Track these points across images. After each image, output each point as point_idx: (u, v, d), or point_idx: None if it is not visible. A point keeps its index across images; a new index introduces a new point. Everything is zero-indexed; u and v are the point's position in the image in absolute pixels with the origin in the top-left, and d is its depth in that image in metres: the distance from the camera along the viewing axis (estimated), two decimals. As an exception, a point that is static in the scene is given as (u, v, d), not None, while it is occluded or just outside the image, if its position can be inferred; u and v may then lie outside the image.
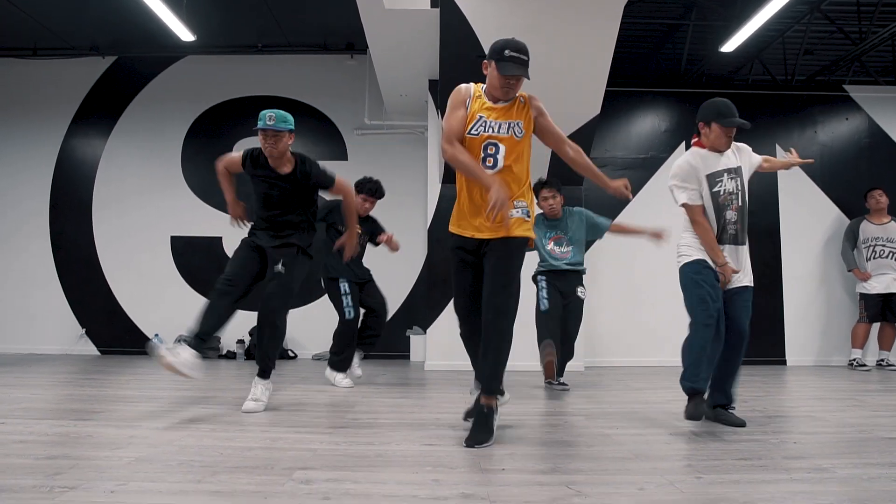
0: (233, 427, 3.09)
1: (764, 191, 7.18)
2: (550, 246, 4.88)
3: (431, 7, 5.10)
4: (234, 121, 7.71)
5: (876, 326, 6.65)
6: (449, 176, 6.35)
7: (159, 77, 7.81)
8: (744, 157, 3.52)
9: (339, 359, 4.84)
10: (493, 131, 2.84)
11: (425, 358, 6.34)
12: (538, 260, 4.91)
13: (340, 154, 7.61)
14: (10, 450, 2.54)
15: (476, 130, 2.84)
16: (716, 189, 3.38)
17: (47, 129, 7.75)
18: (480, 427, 2.75)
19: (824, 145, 7.32)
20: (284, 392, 4.45)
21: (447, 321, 6.21)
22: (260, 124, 3.65)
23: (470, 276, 2.98)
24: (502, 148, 2.84)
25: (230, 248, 7.51)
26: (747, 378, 5.58)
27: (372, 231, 5.22)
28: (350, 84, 7.62)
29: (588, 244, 5.10)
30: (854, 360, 6.55)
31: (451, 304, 6.21)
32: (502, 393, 3.04)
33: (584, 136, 5.89)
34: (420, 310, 7.25)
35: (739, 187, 3.41)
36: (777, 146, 7.25)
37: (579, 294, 4.87)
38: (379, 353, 7.27)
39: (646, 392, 4.68)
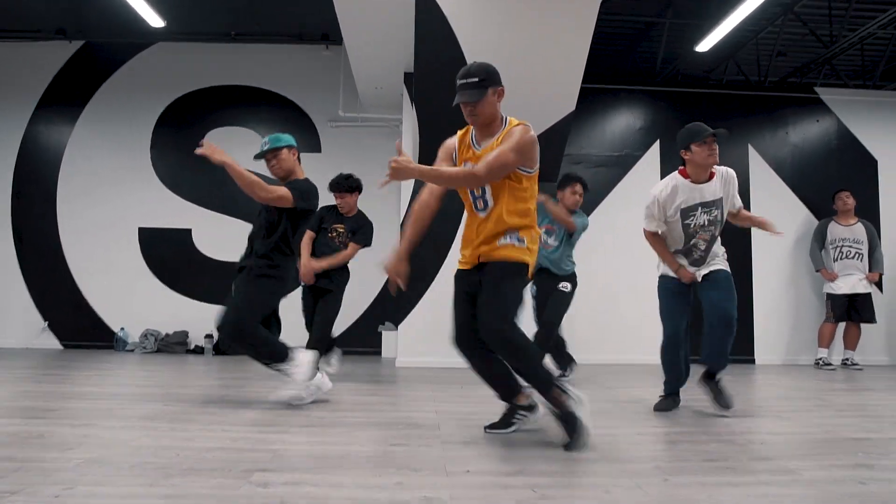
0: (193, 426, 3.00)
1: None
2: (541, 232, 4.75)
3: (406, -2, 5.01)
4: (205, 111, 7.56)
5: (842, 326, 6.74)
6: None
7: (129, 64, 7.62)
8: (728, 189, 3.58)
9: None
10: None
11: (396, 354, 6.28)
12: None
13: (314, 146, 7.50)
14: (-47, 450, 2.43)
15: None
16: (687, 221, 3.49)
17: (9, 115, 7.52)
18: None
19: (795, 146, 7.39)
20: (252, 388, 4.36)
21: (419, 317, 6.16)
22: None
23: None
24: (487, 189, 2.80)
25: (200, 240, 7.38)
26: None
27: (353, 230, 5.04)
28: (325, 75, 7.50)
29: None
30: (820, 359, 6.63)
31: (424, 299, 6.18)
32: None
33: (559, 132, 5.87)
34: (391, 306, 7.18)
35: (715, 219, 3.52)
36: (749, 146, 7.30)
37: (561, 288, 4.92)
38: (350, 349, 7.19)
39: (617, 390, 4.67)
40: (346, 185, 4.99)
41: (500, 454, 2.57)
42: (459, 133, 2.94)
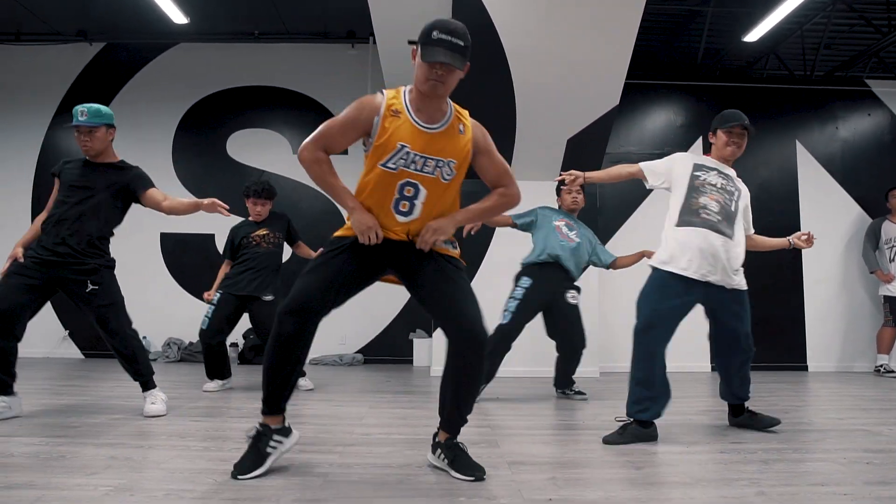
0: (227, 444, 2.73)
1: (784, 190, 6.88)
2: (559, 224, 4.26)
3: (444, -12, 4.75)
4: (228, 112, 7.33)
5: (902, 330, 6.35)
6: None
7: (150, 65, 7.42)
8: (744, 190, 3.28)
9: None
10: (416, 168, 2.19)
11: (430, 363, 5.99)
12: (525, 256, 4.32)
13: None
14: (-32, 475, 2.16)
15: (394, 164, 2.17)
16: (697, 173, 3.14)
17: (30, 118, 7.34)
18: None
19: (845, 141, 7.02)
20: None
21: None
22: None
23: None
24: (423, 192, 2.21)
25: (223, 245, 7.12)
26: (774, 385, 5.28)
27: (280, 229, 4.79)
28: (351, 74, 7.25)
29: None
30: (881, 365, 6.24)
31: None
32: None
33: (602, 128, 5.57)
34: (423, 313, 6.90)
35: (726, 187, 3.15)
36: (797, 142, 6.95)
37: (569, 300, 4.26)
38: (381, 358, 6.93)
39: (674, 402, 4.32)
40: (269, 192, 4.73)
41: (576, 477, 2.27)
42: (388, 97, 2.23)
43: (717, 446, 2.86)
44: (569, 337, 4.30)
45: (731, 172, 3.27)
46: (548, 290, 4.17)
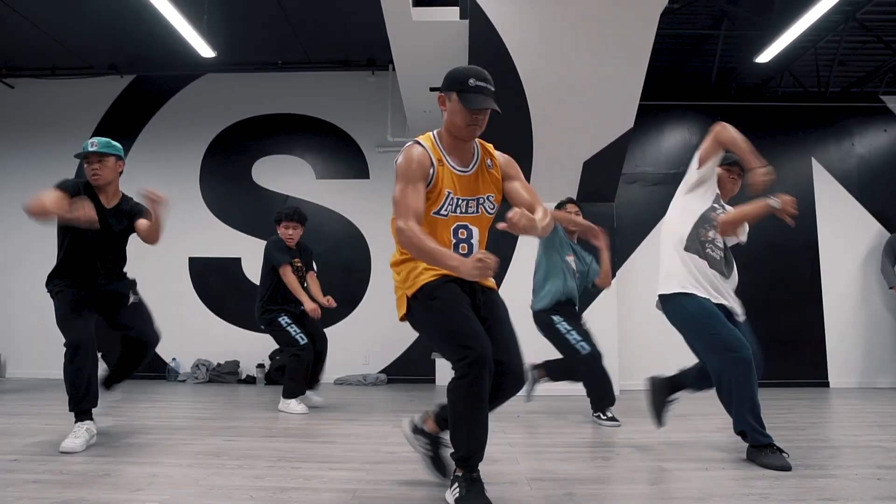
0: (260, 462, 2.87)
1: (801, 207, 6.89)
2: (570, 260, 4.39)
3: (460, 18, 4.93)
4: (253, 139, 7.58)
5: (924, 346, 6.36)
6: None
7: (178, 95, 7.70)
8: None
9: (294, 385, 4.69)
10: (461, 211, 2.30)
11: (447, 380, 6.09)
12: (534, 293, 4.40)
13: (362, 172, 7.44)
14: (22, 492, 2.33)
15: (445, 211, 2.28)
16: (715, 205, 3.19)
17: (65, 148, 7.58)
18: None
19: (862, 157, 7.07)
20: (311, 420, 4.23)
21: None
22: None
23: None
24: (475, 231, 2.33)
25: (249, 269, 7.36)
26: (794, 402, 5.32)
27: (307, 261, 5.09)
28: (371, 100, 7.47)
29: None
30: (903, 381, 6.24)
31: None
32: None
33: (617, 150, 5.70)
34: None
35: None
36: (813, 159, 7.02)
37: (586, 326, 4.35)
38: (403, 377, 7.06)
39: (692, 419, 4.40)
40: (302, 216, 4.99)
41: (593, 493, 2.37)
42: (428, 146, 2.32)
43: (732, 463, 2.93)
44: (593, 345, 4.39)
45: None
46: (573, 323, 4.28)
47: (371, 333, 7.05)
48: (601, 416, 4.15)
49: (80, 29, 6.79)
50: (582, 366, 4.16)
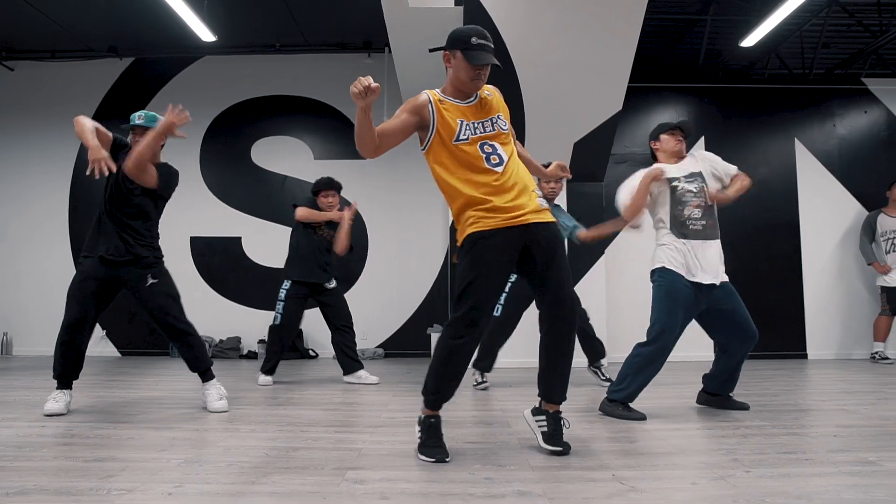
0: (270, 427, 3.10)
1: (783, 185, 7.16)
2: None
3: (455, 5, 5.09)
4: (252, 121, 7.73)
5: (898, 319, 6.63)
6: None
7: (177, 77, 7.83)
8: (704, 164, 3.60)
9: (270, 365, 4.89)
10: (480, 132, 2.60)
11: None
12: None
13: (359, 153, 7.57)
14: (57, 452, 2.56)
15: (465, 136, 2.56)
16: (674, 184, 3.45)
17: (66, 130, 7.73)
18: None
19: (843, 138, 7.29)
20: (314, 391, 4.47)
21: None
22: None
23: None
24: (497, 145, 2.61)
25: (249, 247, 7.56)
26: (773, 372, 5.59)
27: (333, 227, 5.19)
28: (367, 83, 7.61)
29: None
30: (876, 353, 6.52)
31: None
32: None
33: (606, 132, 5.89)
34: (440, 308, 7.27)
35: (701, 189, 3.48)
36: (796, 140, 7.23)
37: None
38: (399, 352, 7.31)
39: (674, 387, 4.67)
40: (338, 185, 5.16)
41: (576, 449, 2.62)
42: (429, 93, 2.63)
43: (706, 424, 3.19)
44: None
45: (690, 163, 3.58)
46: None
47: (369, 309, 7.28)
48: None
49: (80, 11, 6.89)
50: None
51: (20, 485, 2.06)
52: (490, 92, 2.72)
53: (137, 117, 3.75)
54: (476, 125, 2.59)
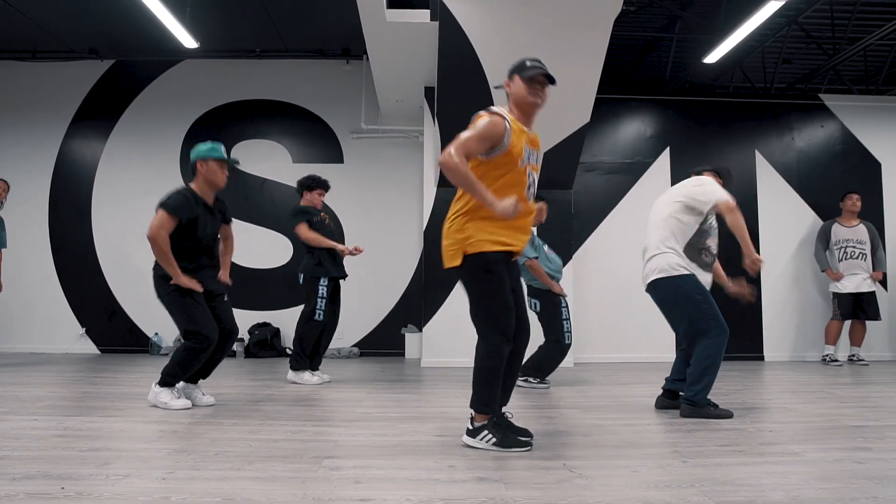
0: (252, 421, 3.31)
1: (744, 195, 7.49)
2: (549, 250, 5.04)
3: (431, 20, 5.32)
4: (231, 124, 7.88)
5: (848, 324, 7.01)
6: (445, 180, 6.59)
7: (157, 80, 7.96)
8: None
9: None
10: (532, 161, 2.86)
11: (421, 355, 6.58)
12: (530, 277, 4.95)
13: (336, 157, 7.82)
14: (53, 443, 2.75)
15: (523, 162, 2.79)
16: (708, 218, 3.76)
17: (47, 130, 7.87)
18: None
19: (801, 151, 7.66)
20: (293, 388, 4.67)
21: (443, 319, 6.47)
22: (217, 154, 3.95)
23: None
24: (534, 176, 2.90)
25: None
26: (727, 373, 5.90)
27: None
28: (346, 89, 7.82)
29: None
30: (827, 355, 6.89)
31: (447, 303, 6.49)
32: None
33: (575, 142, 6.17)
34: (414, 309, 7.50)
35: (717, 228, 3.86)
36: (756, 152, 7.58)
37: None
38: (374, 351, 7.53)
39: (634, 386, 4.96)
40: (328, 184, 5.43)
41: (535, 442, 2.87)
42: (511, 120, 2.79)
43: (657, 420, 3.47)
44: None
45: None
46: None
47: (345, 310, 7.39)
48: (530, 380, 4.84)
49: (61, 13, 6.99)
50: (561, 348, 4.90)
51: (25, 471, 2.25)
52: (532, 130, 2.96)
53: (224, 152, 4.05)
54: (531, 153, 2.86)
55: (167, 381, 3.72)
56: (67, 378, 5.27)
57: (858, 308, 6.91)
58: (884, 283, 7.31)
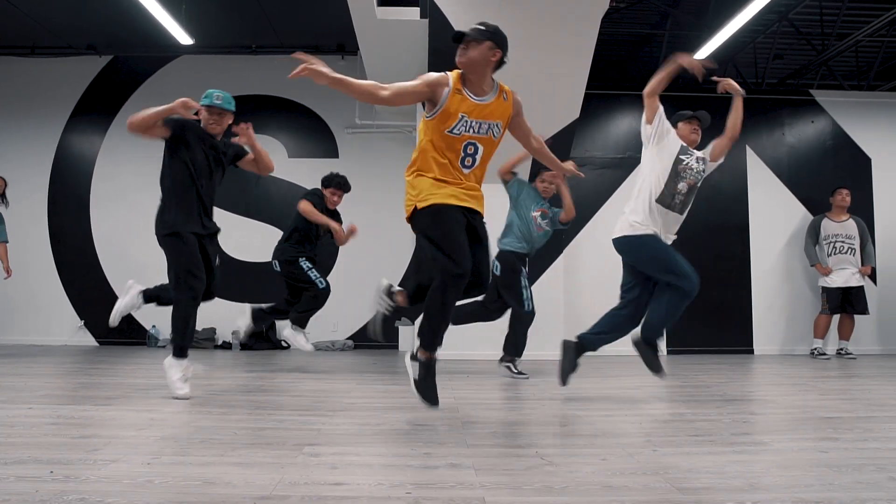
0: (240, 410, 3.41)
1: (735, 190, 7.58)
2: (536, 216, 5.01)
3: (420, 18, 5.40)
4: (227, 119, 7.95)
5: (836, 318, 7.09)
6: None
7: (155, 76, 8.05)
8: (709, 165, 3.99)
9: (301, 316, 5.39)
10: (474, 132, 2.92)
11: (412, 348, 6.67)
12: (504, 234, 5.02)
13: (331, 152, 7.90)
14: (46, 430, 2.84)
15: (458, 130, 2.89)
16: (681, 157, 3.81)
17: (45, 125, 7.97)
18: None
19: (791, 146, 7.72)
20: (282, 379, 4.77)
21: (434, 313, 6.56)
22: (206, 102, 3.93)
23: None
24: (481, 148, 2.94)
25: (225, 242, 7.77)
26: (717, 366, 6.00)
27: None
28: (341, 84, 7.88)
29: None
30: (815, 349, 6.98)
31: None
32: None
33: (564, 138, 6.24)
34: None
35: (700, 172, 3.91)
36: (748, 147, 7.65)
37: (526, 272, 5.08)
38: (368, 344, 7.62)
39: (621, 378, 5.05)
40: (349, 186, 5.63)
41: (511, 431, 2.96)
42: (453, 78, 2.93)
43: (634, 412, 3.56)
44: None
45: (702, 154, 4.01)
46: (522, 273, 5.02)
47: (340, 303, 7.55)
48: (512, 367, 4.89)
49: (60, 9, 7.09)
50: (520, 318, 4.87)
51: (16, 456, 2.35)
52: (507, 95, 3.04)
53: (216, 98, 3.92)
54: (473, 124, 2.90)
55: (177, 352, 3.76)
56: (65, 369, 5.37)
57: (847, 302, 7.00)
58: (872, 277, 7.39)
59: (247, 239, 7.60)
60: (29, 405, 3.46)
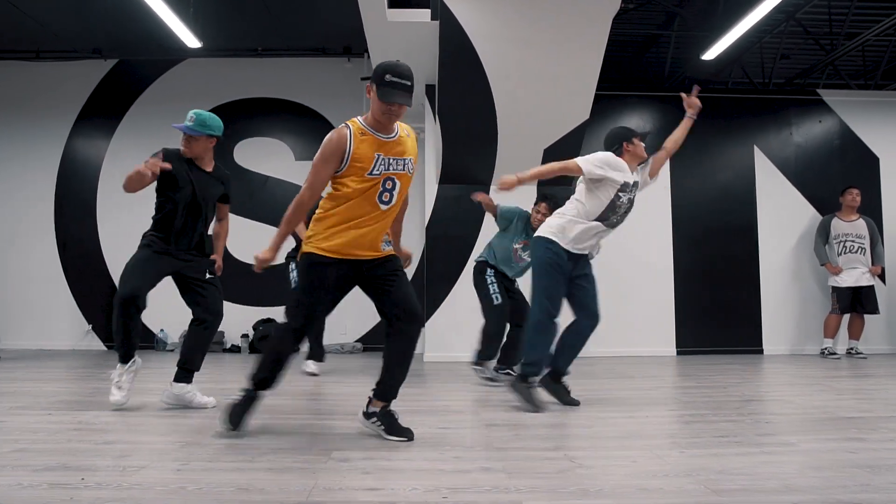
0: (261, 415, 3.38)
1: (742, 190, 7.57)
2: (517, 248, 4.88)
3: (431, 20, 5.39)
4: (233, 122, 7.89)
5: (846, 318, 7.08)
6: (447, 176, 6.67)
7: (161, 79, 8.03)
8: (644, 174, 3.97)
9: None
10: (392, 169, 2.74)
11: (424, 350, 6.66)
12: (483, 252, 4.97)
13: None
14: (70, 437, 2.83)
15: (378, 171, 2.70)
16: (620, 194, 3.73)
17: (51, 130, 7.95)
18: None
19: (799, 146, 7.71)
20: (297, 382, 4.76)
21: (445, 315, 6.56)
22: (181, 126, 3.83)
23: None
24: (398, 184, 2.78)
25: (232, 245, 7.77)
26: (728, 366, 5.99)
27: None
28: (347, 86, 7.88)
29: None
30: (825, 348, 6.97)
31: (450, 298, 6.58)
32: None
33: (574, 139, 6.24)
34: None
35: (633, 199, 3.83)
36: (755, 147, 7.64)
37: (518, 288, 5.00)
38: (378, 346, 7.60)
39: (637, 380, 5.03)
40: None
41: (538, 434, 2.95)
42: (354, 128, 2.70)
43: (657, 413, 3.55)
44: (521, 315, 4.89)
45: (639, 177, 3.93)
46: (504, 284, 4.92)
47: (348, 305, 7.44)
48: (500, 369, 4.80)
49: (65, 13, 7.06)
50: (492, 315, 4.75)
51: (45, 463, 2.33)
52: (409, 133, 2.87)
53: (189, 119, 3.78)
54: (390, 161, 2.73)
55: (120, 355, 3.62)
56: (77, 374, 5.36)
57: (857, 302, 6.98)
58: (882, 277, 7.37)
59: (253, 242, 7.55)
60: (48, 411, 3.44)
